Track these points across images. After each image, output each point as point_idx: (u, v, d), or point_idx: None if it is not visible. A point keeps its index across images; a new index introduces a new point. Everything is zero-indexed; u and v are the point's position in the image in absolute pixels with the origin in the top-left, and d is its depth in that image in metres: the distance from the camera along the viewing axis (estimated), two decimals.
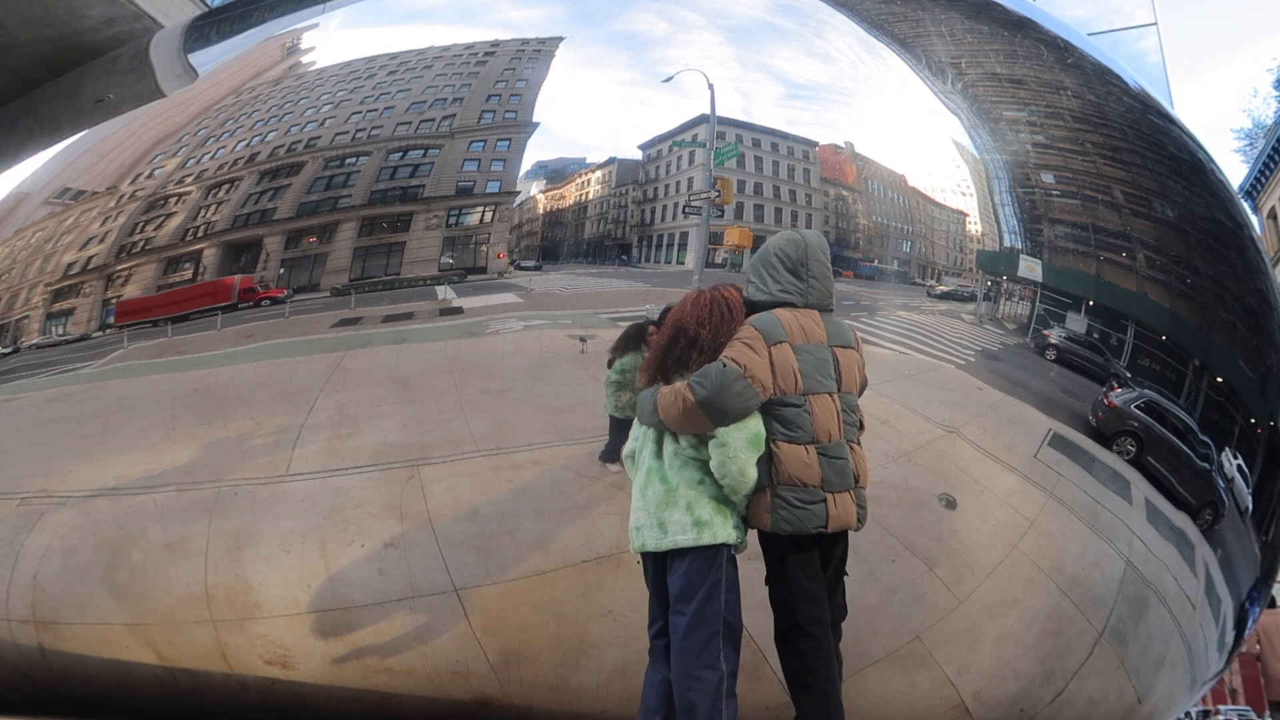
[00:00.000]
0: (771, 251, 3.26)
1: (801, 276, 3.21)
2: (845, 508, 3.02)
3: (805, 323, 3.12)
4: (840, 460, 3.03)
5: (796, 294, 3.20)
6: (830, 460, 3.00)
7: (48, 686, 4.46)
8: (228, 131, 4.93)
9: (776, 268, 3.22)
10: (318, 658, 3.96)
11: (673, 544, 2.83)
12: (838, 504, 2.99)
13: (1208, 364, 4.82)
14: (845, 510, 3.02)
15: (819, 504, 2.96)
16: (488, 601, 3.83)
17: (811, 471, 2.97)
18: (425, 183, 4.44)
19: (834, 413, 3.05)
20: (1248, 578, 5.15)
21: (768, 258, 3.26)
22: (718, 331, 3.00)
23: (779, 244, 3.29)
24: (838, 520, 2.99)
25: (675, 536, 2.83)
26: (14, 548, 4.24)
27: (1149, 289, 4.76)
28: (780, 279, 3.20)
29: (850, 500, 3.04)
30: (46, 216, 5.24)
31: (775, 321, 3.07)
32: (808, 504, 2.96)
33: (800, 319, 3.11)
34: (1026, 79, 5.21)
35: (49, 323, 4.86)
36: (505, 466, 3.93)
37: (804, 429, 2.99)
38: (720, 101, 4.33)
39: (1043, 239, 4.67)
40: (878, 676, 3.78)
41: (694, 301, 3.08)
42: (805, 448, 2.99)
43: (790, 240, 3.29)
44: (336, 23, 5.52)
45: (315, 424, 4.06)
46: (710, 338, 2.99)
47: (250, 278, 4.45)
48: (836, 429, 3.04)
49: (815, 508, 2.96)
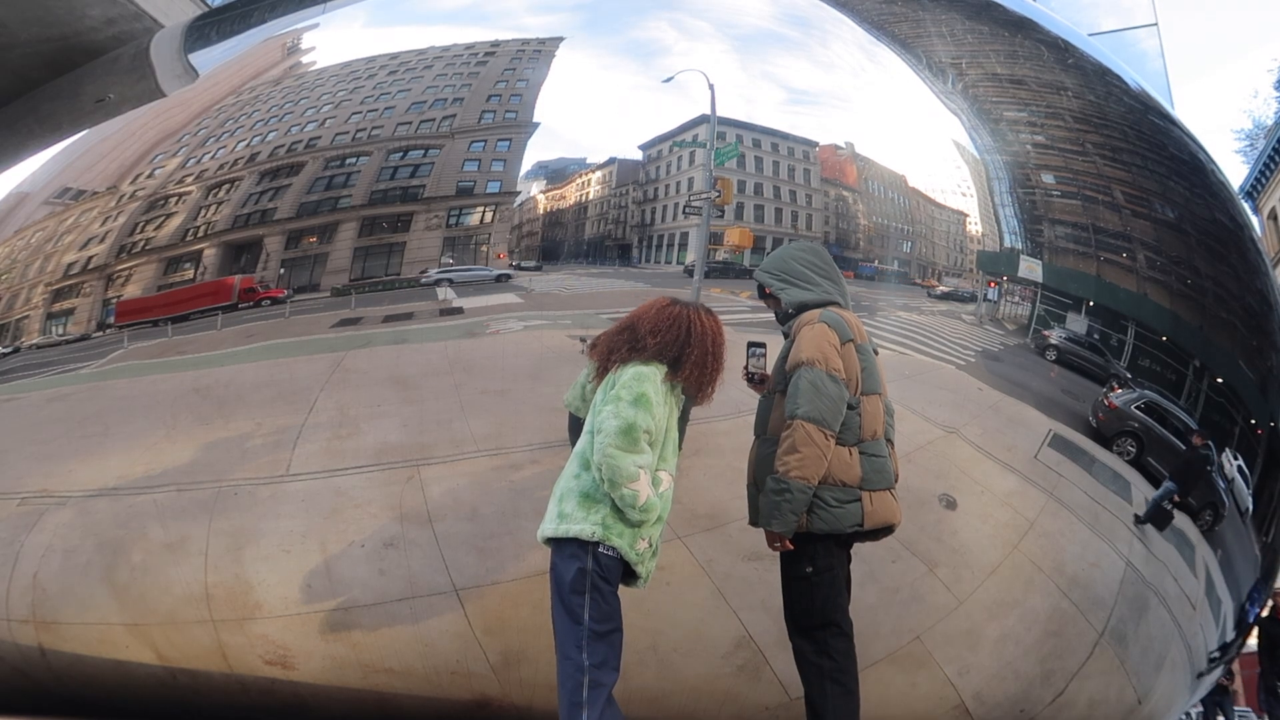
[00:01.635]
0: (794, 260, 3.27)
1: (834, 280, 3.24)
2: (883, 505, 3.02)
3: (856, 323, 3.13)
4: (880, 459, 3.04)
5: (837, 295, 3.22)
6: (871, 459, 3.01)
7: (48, 686, 4.46)
8: (228, 131, 4.92)
9: (808, 273, 3.23)
10: (318, 658, 3.96)
11: (540, 534, 2.87)
12: (874, 501, 2.99)
13: (1208, 365, 4.82)
14: (883, 508, 3.02)
15: (855, 503, 2.97)
16: (488, 601, 3.83)
17: (853, 472, 2.97)
18: (425, 183, 4.43)
19: (879, 413, 3.07)
20: (1248, 578, 5.15)
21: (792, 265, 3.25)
22: (664, 346, 2.96)
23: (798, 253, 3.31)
24: (874, 517, 2.99)
25: (545, 527, 2.86)
26: (14, 548, 4.24)
27: (1149, 290, 4.76)
28: (819, 282, 3.22)
29: (889, 498, 3.04)
30: (47, 216, 5.24)
31: (841, 320, 3.08)
32: (845, 503, 2.96)
33: (854, 319, 3.13)
34: (1027, 79, 5.20)
35: (49, 323, 4.86)
36: (505, 466, 3.93)
37: (852, 430, 2.99)
38: (720, 103, 4.33)
39: (1043, 239, 4.67)
40: (878, 677, 3.78)
41: (658, 309, 3.04)
42: (850, 449, 2.99)
43: (814, 249, 3.33)
44: (337, 23, 5.52)
45: (315, 424, 4.06)
46: (655, 347, 2.95)
47: (250, 278, 4.45)
48: (881, 428, 3.06)
49: (851, 507, 2.96)
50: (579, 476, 2.89)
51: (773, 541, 2.99)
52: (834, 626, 2.97)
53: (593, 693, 2.66)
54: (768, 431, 3.16)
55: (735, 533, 3.44)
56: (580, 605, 2.74)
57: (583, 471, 2.89)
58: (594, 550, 2.77)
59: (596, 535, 2.77)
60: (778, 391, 3.13)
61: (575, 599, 2.74)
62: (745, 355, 3.34)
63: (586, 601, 2.74)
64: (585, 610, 2.73)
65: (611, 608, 2.78)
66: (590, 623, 2.72)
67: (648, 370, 2.90)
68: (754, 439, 3.28)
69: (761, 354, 3.34)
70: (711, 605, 3.77)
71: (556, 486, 2.95)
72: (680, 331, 2.98)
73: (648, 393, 2.85)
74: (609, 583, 2.78)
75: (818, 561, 2.98)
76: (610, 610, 2.77)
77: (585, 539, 2.77)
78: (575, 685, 2.67)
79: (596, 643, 2.71)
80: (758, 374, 3.33)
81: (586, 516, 2.80)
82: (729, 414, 3.68)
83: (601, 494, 2.83)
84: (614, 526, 2.80)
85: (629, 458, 2.76)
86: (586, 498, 2.84)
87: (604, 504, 2.82)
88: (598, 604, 2.74)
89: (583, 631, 2.71)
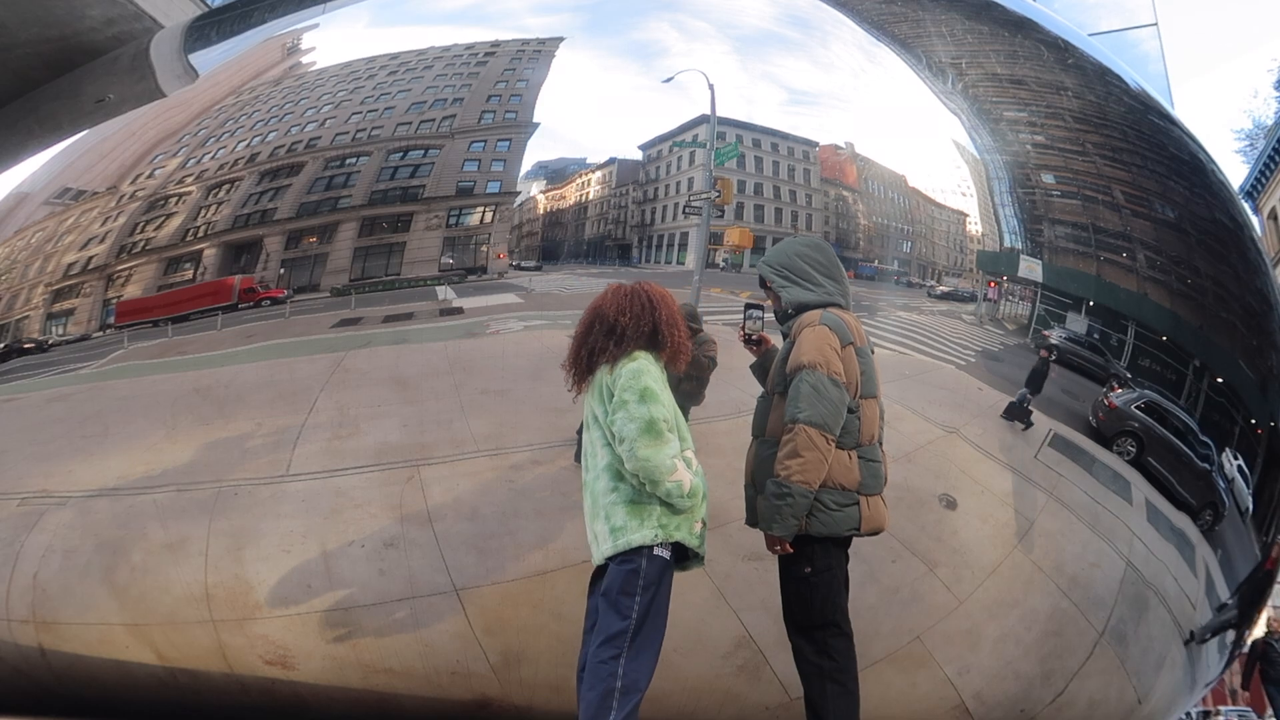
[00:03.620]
0: (799, 257, 3.25)
1: (837, 279, 3.22)
2: (878, 509, 3.03)
3: (855, 325, 3.12)
4: (876, 463, 3.05)
5: (839, 296, 3.20)
6: (868, 463, 3.01)
7: (48, 686, 4.46)
8: (228, 132, 4.93)
9: (811, 272, 3.21)
10: (318, 658, 3.96)
11: (602, 556, 2.86)
12: (870, 506, 3.00)
13: (1208, 364, 4.82)
14: (878, 512, 3.03)
15: (853, 506, 2.97)
16: (488, 601, 3.83)
17: (851, 476, 2.97)
18: (425, 183, 4.43)
19: (876, 417, 3.07)
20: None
21: (796, 263, 3.24)
22: (638, 320, 2.97)
23: (803, 249, 3.28)
24: (870, 522, 3.00)
25: (602, 548, 2.86)
26: (14, 548, 4.24)
27: (1149, 289, 4.76)
28: (822, 281, 3.20)
29: (882, 503, 3.04)
30: (47, 216, 5.24)
31: (842, 323, 3.06)
32: (843, 506, 2.96)
33: (854, 321, 3.11)
34: (1027, 79, 5.20)
35: (49, 323, 4.86)
36: (505, 466, 3.93)
37: (851, 434, 2.99)
38: (722, 104, 4.33)
39: (1043, 239, 4.67)
40: (878, 677, 3.78)
41: (614, 292, 3.06)
42: (849, 453, 2.99)
43: (818, 246, 3.30)
44: (337, 23, 5.52)
45: (315, 424, 4.06)
46: (631, 324, 2.96)
47: (250, 278, 4.45)
48: (878, 432, 3.06)
49: (849, 510, 2.96)
50: (616, 489, 2.87)
51: (772, 545, 2.99)
52: (833, 626, 2.97)
53: (624, 698, 2.67)
54: (766, 433, 3.15)
55: (735, 533, 3.43)
56: (630, 606, 2.74)
57: (618, 484, 2.88)
58: (648, 552, 2.79)
59: (660, 538, 2.79)
60: (777, 393, 3.12)
61: (624, 600, 2.75)
62: (742, 317, 3.35)
63: (636, 602, 2.75)
64: (634, 609, 2.74)
65: (658, 607, 2.79)
66: (636, 621, 2.73)
67: (638, 364, 2.90)
68: (752, 440, 3.28)
69: (759, 316, 3.33)
70: (711, 605, 3.77)
71: (590, 508, 2.94)
72: (643, 300, 3.01)
73: (649, 385, 2.85)
74: (662, 584, 2.80)
75: (816, 562, 2.98)
76: (657, 610, 2.79)
77: (650, 544, 2.79)
78: (608, 689, 2.67)
79: (637, 643, 2.73)
80: (755, 334, 3.33)
81: (642, 524, 2.80)
82: (729, 414, 3.68)
83: (646, 496, 2.83)
84: (671, 523, 2.82)
85: (661, 452, 2.77)
86: (634, 505, 2.83)
87: (653, 505, 2.83)
88: (647, 603, 2.76)
89: (627, 632, 2.72)
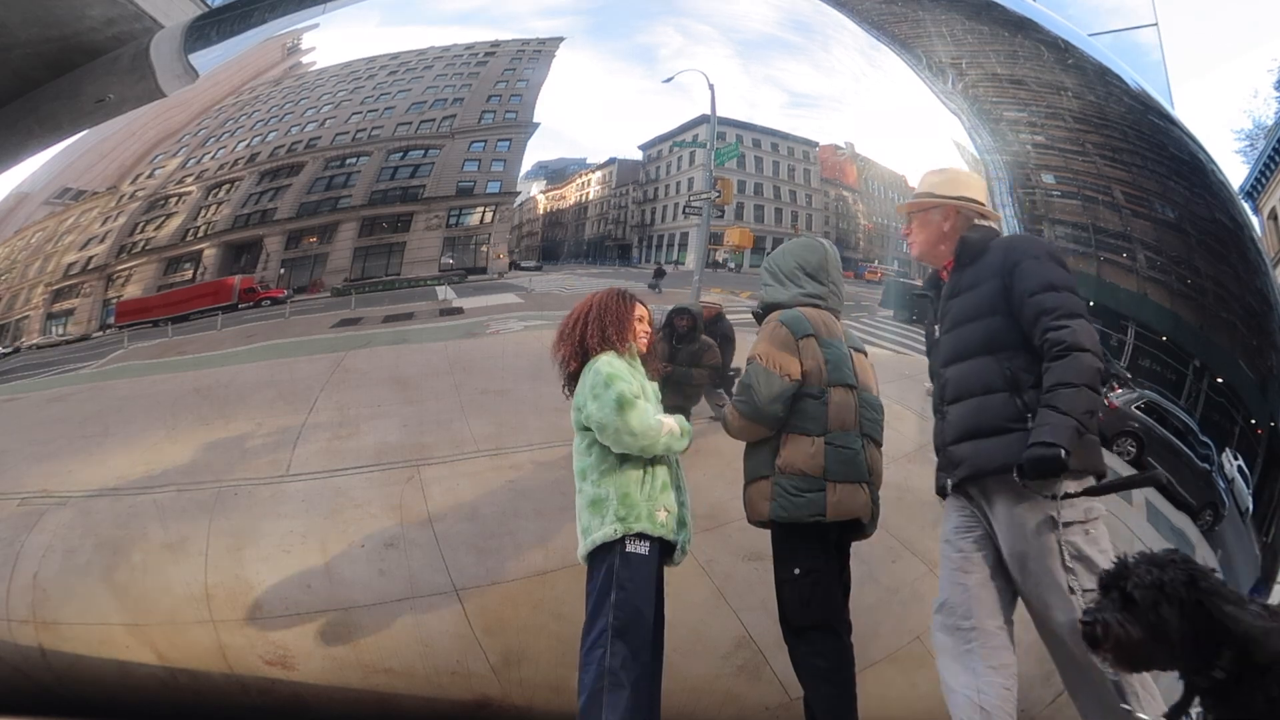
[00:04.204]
0: (792, 257, 3.36)
1: (823, 281, 3.32)
2: (850, 497, 3.02)
3: (826, 320, 3.24)
4: (849, 450, 3.04)
5: (818, 298, 3.30)
6: (837, 449, 3.02)
7: (48, 686, 4.46)
8: (228, 131, 4.92)
9: (797, 273, 3.32)
10: (318, 658, 3.96)
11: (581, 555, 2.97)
12: (838, 492, 2.99)
13: (1208, 364, 4.81)
14: (849, 500, 3.02)
15: (817, 493, 2.97)
16: (488, 601, 3.83)
17: (815, 462, 3.00)
18: (425, 183, 4.44)
19: (851, 406, 3.10)
20: (1248, 578, 5.14)
21: (787, 263, 3.35)
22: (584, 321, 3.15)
23: (798, 250, 3.39)
24: (837, 509, 2.99)
25: (579, 551, 2.97)
26: (14, 548, 4.24)
27: (1149, 289, 4.76)
28: (802, 283, 3.31)
29: (859, 492, 3.04)
30: (47, 216, 5.24)
31: (801, 316, 3.19)
32: (804, 492, 2.97)
33: (822, 316, 3.24)
34: (1027, 80, 5.20)
35: (49, 323, 4.86)
36: (505, 466, 3.93)
37: (816, 420, 3.05)
38: (724, 107, 4.34)
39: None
40: (878, 677, 3.77)
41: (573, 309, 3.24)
42: (813, 439, 3.03)
43: (809, 247, 3.41)
44: (337, 23, 5.52)
45: (315, 424, 4.06)
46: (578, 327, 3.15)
47: (250, 278, 4.45)
48: (852, 421, 3.07)
49: (812, 496, 2.97)
50: (581, 491, 2.99)
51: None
52: (826, 626, 2.97)
53: (613, 694, 2.69)
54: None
55: (735, 533, 3.43)
56: (605, 604, 2.80)
57: (582, 484, 2.99)
58: (620, 550, 2.85)
59: (619, 531, 2.85)
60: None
61: (602, 598, 2.82)
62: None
63: (611, 600, 2.80)
64: (610, 609, 2.79)
65: (636, 605, 2.82)
66: (614, 619, 2.78)
67: (598, 361, 3.03)
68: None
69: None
70: (711, 605, 3.77)
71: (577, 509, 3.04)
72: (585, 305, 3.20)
73: (609, 371, 2.97)
74: (635, 580, 2.84)
75: (802, 563, 3.00)
76: (635, 608, 2.81)
77: (612, 540, 2.85)
78: (596, 689, 2.72)
79: (618, 640, 2.76)
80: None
81: (602, 521, 2.88)
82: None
83: (603, 493, 2.91)
84: (629, 514, 2.88)
85: (640, 417, 2.88)
86: (592, 504, 2.93)
87: (608, 501, 2.90)
88: (622, 601, 2.80)
89: (606, 629, 2.77)
